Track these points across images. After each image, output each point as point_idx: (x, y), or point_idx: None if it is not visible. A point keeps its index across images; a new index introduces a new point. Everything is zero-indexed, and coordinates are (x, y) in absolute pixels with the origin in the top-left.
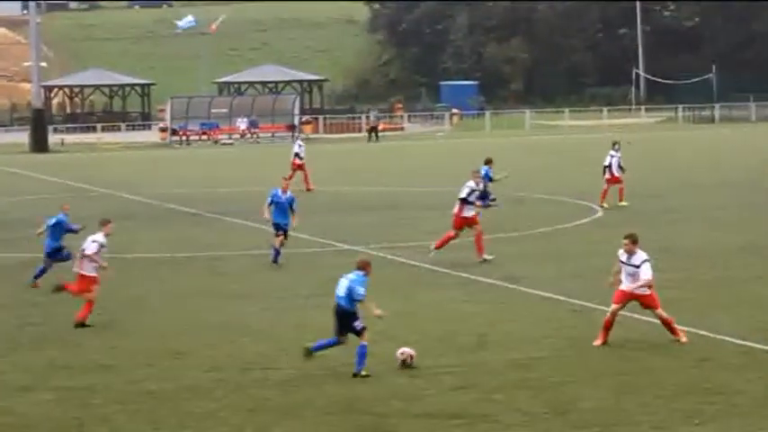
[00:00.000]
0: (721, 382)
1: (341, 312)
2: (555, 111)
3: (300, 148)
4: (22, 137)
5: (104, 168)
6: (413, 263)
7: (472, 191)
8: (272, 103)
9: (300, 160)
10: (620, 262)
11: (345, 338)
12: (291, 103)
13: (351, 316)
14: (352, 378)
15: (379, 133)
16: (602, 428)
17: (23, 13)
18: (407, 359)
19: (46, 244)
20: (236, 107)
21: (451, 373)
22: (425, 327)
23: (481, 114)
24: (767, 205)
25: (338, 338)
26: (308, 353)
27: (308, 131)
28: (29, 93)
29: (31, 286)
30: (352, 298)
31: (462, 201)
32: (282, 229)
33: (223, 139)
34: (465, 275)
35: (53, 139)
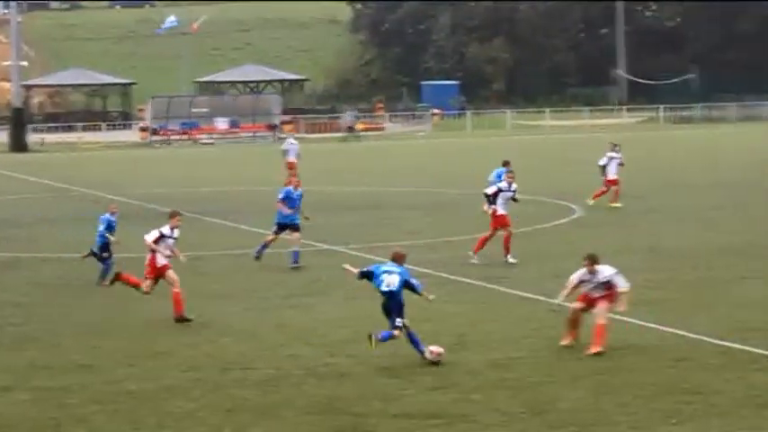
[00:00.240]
0: (699, 382)
1: (395, 303)
2: (536, 111)
3: (291, 147)
4: (1, 136)
5: (85, 168)
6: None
7: (500, 191)
8: (253, 103)
9: (292, 159)
10: (584, 282)
11: (399, 330)
12: (272, 102)
13: (401, 304)
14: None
15: (359, 133)
16: (580, 428)
17: (4, 13)
18: (436, 357)
19: (96, 242)
20: (217, 107)
21: (431, 373)
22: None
23: (462, 114)
24: (751, 205)
25: (393, 330)
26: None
27: (288, 131)
28: (8, 92)
29: (101, 284)
30: (406, 288)
31: (486, 196)
32: (289, 227)
33: (203, 138)
34: (445, 275)
35: (33, 138)
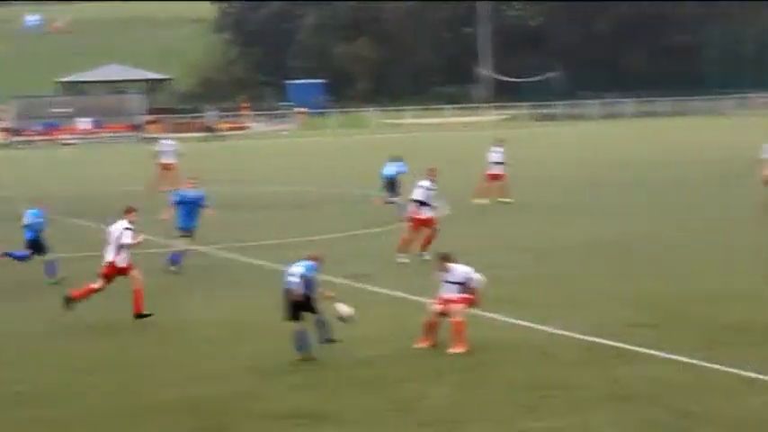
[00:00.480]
0: (563, 376)
1: (297, 296)
2: (400, 109)
3: (166, 148)
4: None
5: None
6: (259, 262)
7: (425, 190)
8: (117, 103)
9: (168, 160)
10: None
11: (299, 321)
12: (136, 102)
13: (306, 298)
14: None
15: (222, 133)
16: (446, 425)
17: None
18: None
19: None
20: (80, 107)
21: (295, 371)
22: (269, 326)
23: (327, 113)
24: (615, 202)
25: (300, 328)
26: (304, 358)
27: (152, 131)
28: None
29: None
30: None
31: (416, 202)
32: (188, 233)
33: (65, 139)
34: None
35: None
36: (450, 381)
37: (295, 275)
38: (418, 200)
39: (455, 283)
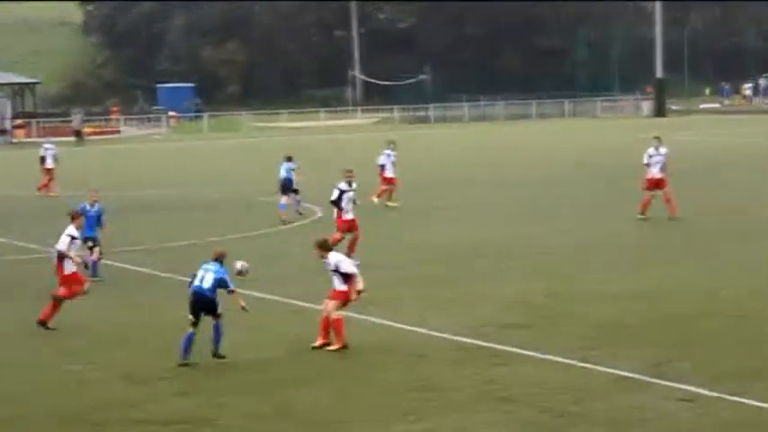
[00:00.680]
0: (438, 378)
1: (205, 302)
2: (273, 113)
3: (48, 152)
4: None
5: None
6: (134, 268)
7: (342, 192)
8: None
9: (51, 165)
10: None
11: (197, 326)
12: (2, 106)
13: (214, 304)
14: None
15: (86, 137)
16: (325, 427)
17: None
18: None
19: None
20: None
21: (173, 378)
22: (148, 332)
23: (199, 117)
24: (494, 204)
25: (194, 331)
26: (183, 363)
27: (20, 136)
28: None
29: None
30: (217, 288)
31: (333, 203)
32: (94, 243)
33: None
34: (183, 279)
35: None
36: (329, 384)
37: (206, 279)
38: (334, 201)
39: (334, 272)
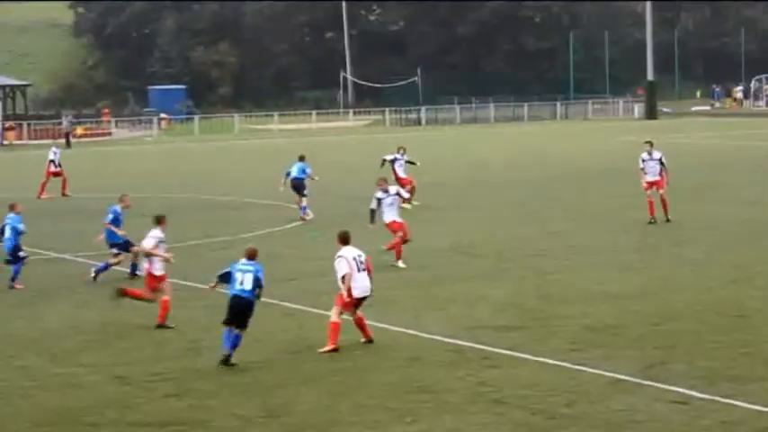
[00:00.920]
0: (432, 380)
1: (246, 305)
2: (264, 115)
3: (56, 155)
4: None
5: None
6: (125, 270)
7: (380, 200)
8: None
9: (57, 167)
10: None
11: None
12: None
13: (252, 308)
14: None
15: (75, 138)
16: (318, 430)
17: None
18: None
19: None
20: None
21: (165, 380)
22: (137, 334)
23: (190, 119)
24: (476, 206)
25: (238, 332)
26: (226, 361)
27: (11, 138)
28: None
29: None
30: (255, 291)
31: (372, 212)
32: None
33: None
34: (175, 281)
35: None
36: (322, 386)
37: (246, 281)
38: (373, 210)
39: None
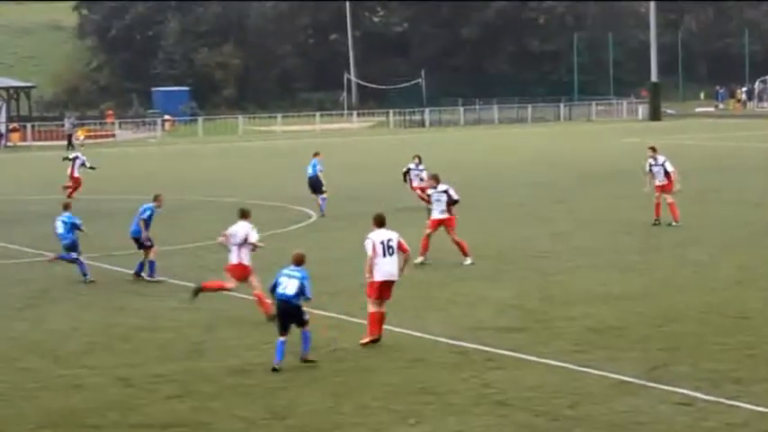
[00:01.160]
0: (436, 381)
1: (292, 309)
2: (268, 116)
3: (79, 160)
4: None
5: None
6: (127, 271)
7: (444, 192)
8: None
9: (78, 172)
10: None
11: (288, 333)
12: None
13: (299, 310)
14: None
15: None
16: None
17: None
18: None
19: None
20: None
21: (168, 381)
22: (140, 336)
23: (194, 120)
24: (479, 206)
25: (284, 339)
26: (276, 370)
27: (15, 140)
28: None
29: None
30: (301, 295)
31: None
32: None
33: None
34: (176, 282)
35: None
36: (325, 387)
37: (290, 286)
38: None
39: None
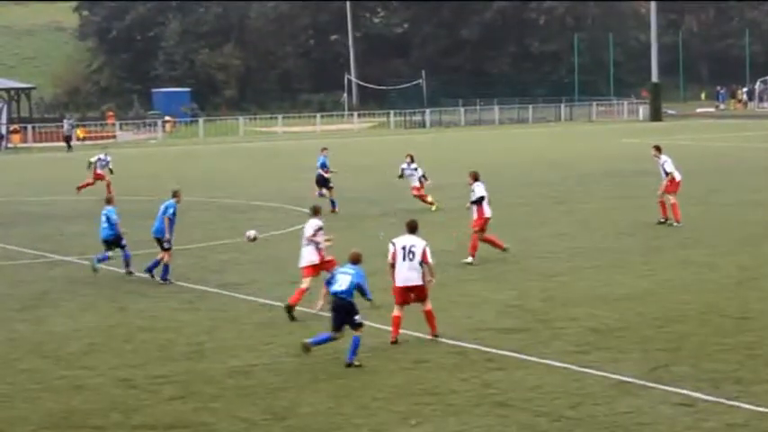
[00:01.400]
0: (437, 382)
1: (346, 306)
2: (269, 117)
3: (100, 162)
4: None
5: None
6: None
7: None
8: None
9: (100, 170)
10: None
11: (341, 334)
12: None
13: (352, 307)
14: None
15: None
16: None
17: None
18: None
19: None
20: None
21: (170, 382)
22: (141, 337)
23: (194, 121)
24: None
25: (334, 334)
26: (305, 348)
27: (16, 141)
28: None
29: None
30: (352, 292)
31: (478, 202)
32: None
33: None
34: (179, 283)
35: None
36: (326, 388)
37: (342, 282)
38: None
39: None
